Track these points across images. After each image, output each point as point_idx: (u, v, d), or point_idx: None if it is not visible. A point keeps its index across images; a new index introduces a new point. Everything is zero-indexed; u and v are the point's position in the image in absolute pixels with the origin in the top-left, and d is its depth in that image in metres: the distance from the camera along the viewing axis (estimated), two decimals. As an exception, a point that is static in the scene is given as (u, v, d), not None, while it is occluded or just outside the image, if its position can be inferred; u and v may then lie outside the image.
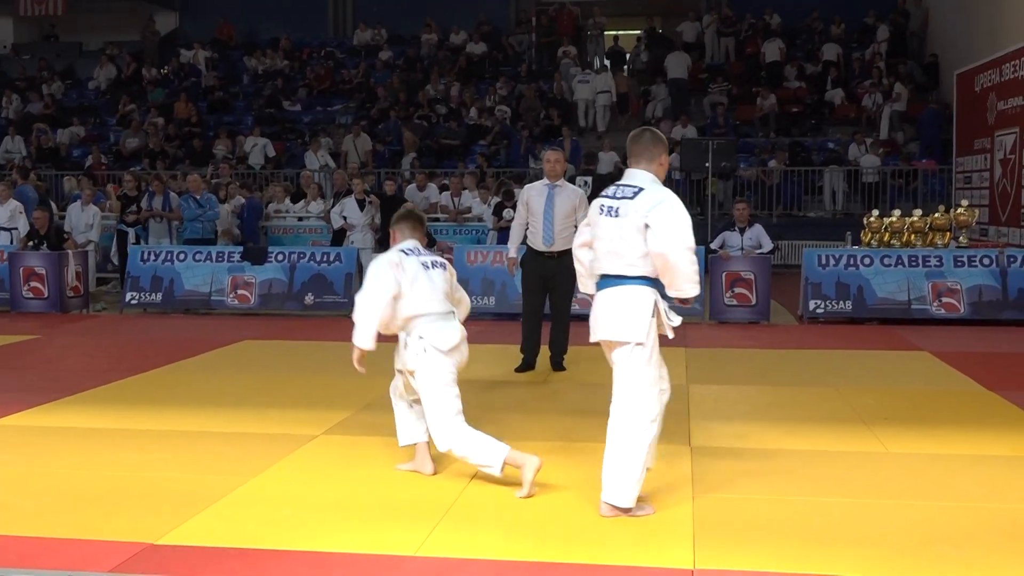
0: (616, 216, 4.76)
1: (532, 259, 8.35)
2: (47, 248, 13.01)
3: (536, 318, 8.50)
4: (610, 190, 4.91)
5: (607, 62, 24.62)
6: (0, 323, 11.95)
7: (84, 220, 13.88)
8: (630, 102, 23.04)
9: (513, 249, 8.48)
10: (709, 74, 23.21)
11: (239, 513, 4.82)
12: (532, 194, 8.33)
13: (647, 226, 4.66)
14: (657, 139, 4.91)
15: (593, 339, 4.92)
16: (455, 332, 5.34)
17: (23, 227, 13.54)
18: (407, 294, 5.23)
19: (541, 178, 8.54)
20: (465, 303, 5.67)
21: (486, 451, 5.11)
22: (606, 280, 4.86)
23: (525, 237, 8.40)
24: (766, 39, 23.10)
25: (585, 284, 5.17)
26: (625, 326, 4.78)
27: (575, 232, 8.00)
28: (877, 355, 9.51)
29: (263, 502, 4.98)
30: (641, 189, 4.75)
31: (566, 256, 8.19)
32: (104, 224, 14.82)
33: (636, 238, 4.70)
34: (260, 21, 26.90)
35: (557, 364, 8.57)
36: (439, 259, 5.54)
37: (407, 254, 5.37)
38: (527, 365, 8.52)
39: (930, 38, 22.84)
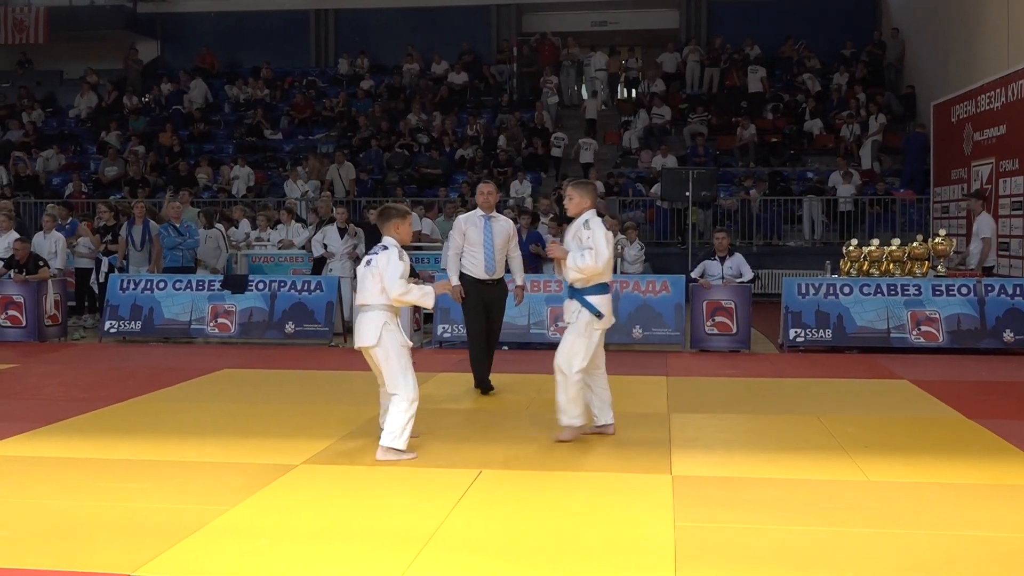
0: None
1: (473, 286, 8.62)
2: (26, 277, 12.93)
3: (484, 339, 8.84)
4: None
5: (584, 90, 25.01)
6: (-23, 352, 11.87)
7: (47, 248, 13.74)
8: (619, 81, 25.11)
9: (454, 277, 8.71)
10: (689, 104, 23.40)
11: (218, 544, 4.78)
12: (469, 225, 8.63)
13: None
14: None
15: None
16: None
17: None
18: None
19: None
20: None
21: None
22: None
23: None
24: (747, 69, 23.32)
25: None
26: None
27: (506, 260, 8.56)
28: (857, 384, 9.55)
29: (242, 532, 4.94)
30: None
31: (501, 282, 8.71)
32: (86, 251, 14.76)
33: None
34: (242, 50, 27.00)
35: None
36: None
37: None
38: (488, 388, 8.85)
39: (907, 69, 23.13)
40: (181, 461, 6.40)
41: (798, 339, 11.67)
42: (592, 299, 6.82)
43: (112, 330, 12.91)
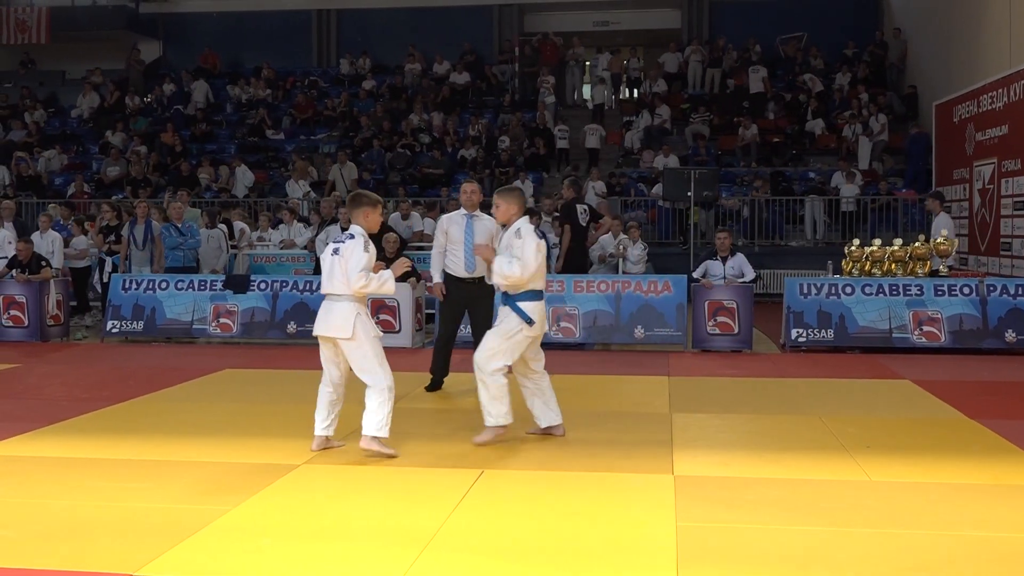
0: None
1: (453, 285, 8.67)
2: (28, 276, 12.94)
3: (452, 343, 8.96)
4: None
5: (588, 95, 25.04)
6: (-21, 352, 11.89)
7: (44, 248, 13.74)
8: (621, 81, 25.26)
9: (437, 275, 8.82)
10: (691, 104, 23.39)
11: (220, 543, 4.78)
12: (451, 224, 8.70)
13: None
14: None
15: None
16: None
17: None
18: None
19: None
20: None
21: None
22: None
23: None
24: (749, 68, 23.32)
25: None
26: None
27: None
28: (859, 384, 9.55)
29: (244, 532, 4.94)
30: None
31: (484, 281, 8.53)
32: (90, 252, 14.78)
33: None
34: (244, 50, 27.00)
35: None
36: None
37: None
38: (436, 385, 8.97)
39: (909, 69, 23.11)
40: (183, 461, 6.41)
41: (800, 339, 11.67)
42: (524, 305, 6.72)
43: (114, 330, 12.91)
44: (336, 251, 6.50)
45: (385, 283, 6.50)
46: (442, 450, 6.68)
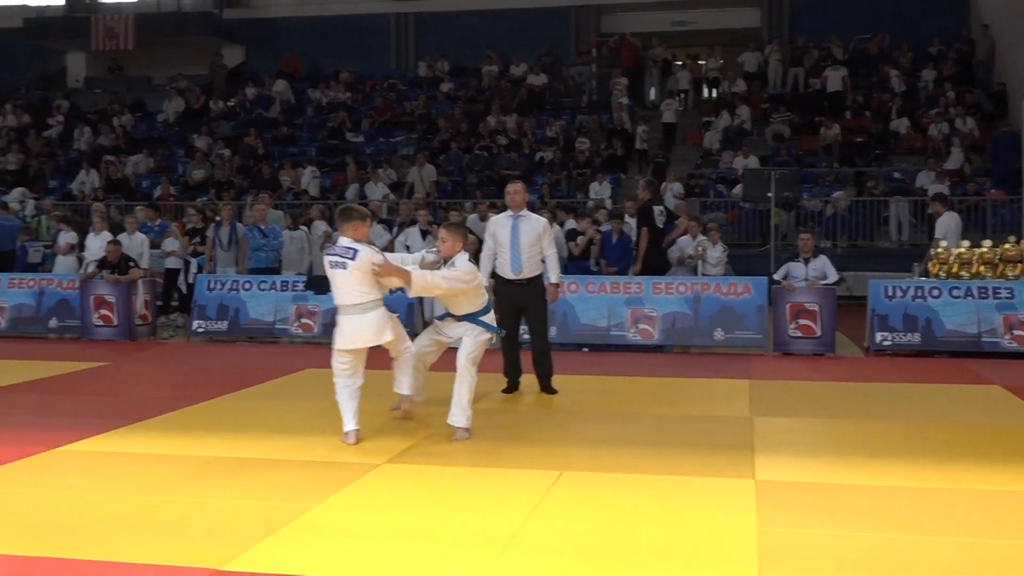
0: None
1: (503, 286, 8.65)
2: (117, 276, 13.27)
3: (514, 342, 8.90)
4: None
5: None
6: (71, 350, 12.23)
7: (133, 249, 14.06)
8: (701, 89, 25.22)
9: (484, 278, 8.74)
10: (771, 104, 23.10)
11: (304, 540, 4.85)
12: (498, 225, 8.69)
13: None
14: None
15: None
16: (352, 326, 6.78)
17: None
18: None
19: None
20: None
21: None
22: None
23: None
24: (830, 67, 22.96)
25: None
26: None
27: (542, 260, 8.52)
28: (946, 389, 9.33)
29: (328, 530, 5.01)
30: None
31: (535, 282, 8.67)
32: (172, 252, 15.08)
33: None
34: (324, 54, 27.39)
35: (546, 387, 8.85)
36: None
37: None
38: (513, 386, 8.91)
39: (997, 66, 22.52)
40: (266, 459, 6.51)
41: (885, 343, 11.44)
42: (486, 319, 7.26)
43: (200, 329, 13.18)
44: (344, 265, 6.74)
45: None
46: (520, 451, 6.69)
